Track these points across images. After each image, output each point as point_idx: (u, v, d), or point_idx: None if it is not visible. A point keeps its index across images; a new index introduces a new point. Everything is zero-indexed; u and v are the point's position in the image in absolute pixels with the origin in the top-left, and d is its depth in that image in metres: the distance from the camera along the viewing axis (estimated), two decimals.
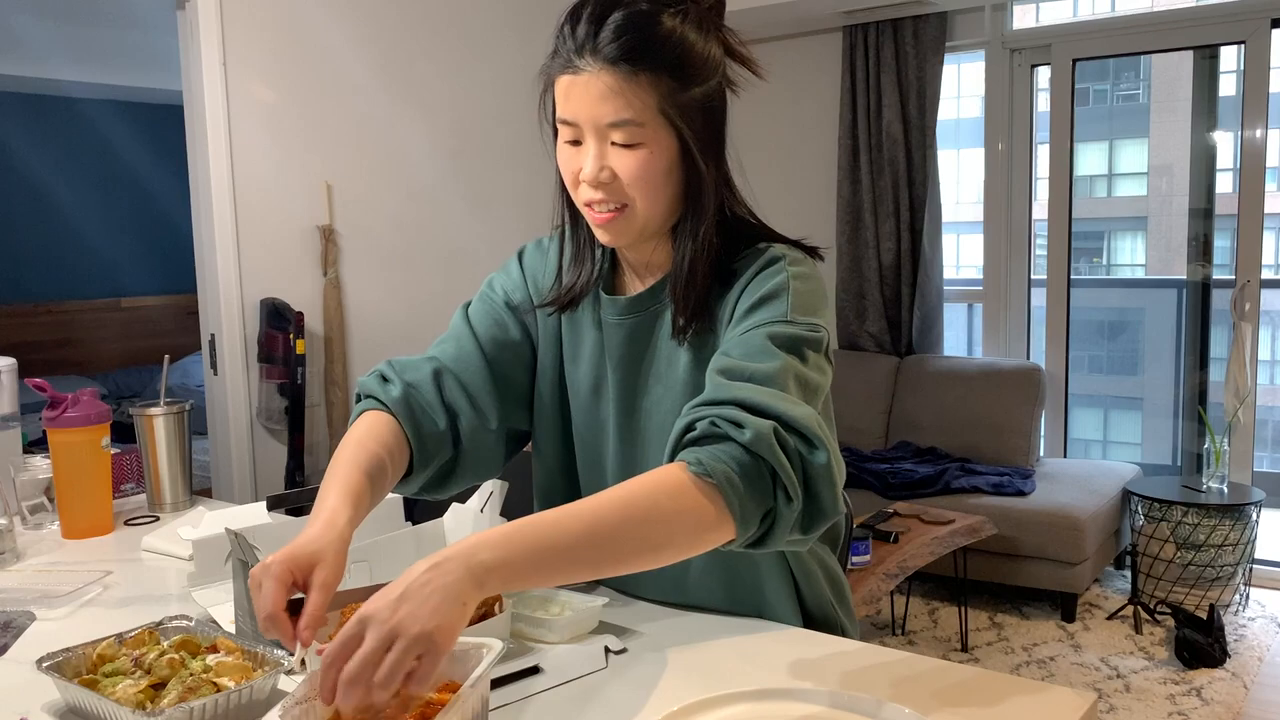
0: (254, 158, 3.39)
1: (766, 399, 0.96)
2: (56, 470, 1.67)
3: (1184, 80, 4.76)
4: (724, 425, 0.94)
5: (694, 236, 1.13)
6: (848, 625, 1.31)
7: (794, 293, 1.09)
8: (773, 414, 0.95)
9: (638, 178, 1.08)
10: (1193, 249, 4.47)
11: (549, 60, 1.10)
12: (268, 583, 0.88)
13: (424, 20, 3.92)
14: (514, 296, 1.29)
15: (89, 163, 6.09)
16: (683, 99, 1.07)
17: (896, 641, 3.61)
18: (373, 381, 1.21)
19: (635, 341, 1.21)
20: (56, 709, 1.02)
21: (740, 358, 1.02)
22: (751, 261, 1.14)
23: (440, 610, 0.78)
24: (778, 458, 0.93)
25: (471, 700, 0.84)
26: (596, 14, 1.05)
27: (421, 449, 1.18)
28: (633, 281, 1.24)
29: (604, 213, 1.11)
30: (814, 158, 4.78)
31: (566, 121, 1.09)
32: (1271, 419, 6.42)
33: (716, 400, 0.97)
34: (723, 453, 0.93)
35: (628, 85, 1.04)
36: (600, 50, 1.04)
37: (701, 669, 1.08)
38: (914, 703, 0.95)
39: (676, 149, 1.09)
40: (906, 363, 4.51)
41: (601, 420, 1.25)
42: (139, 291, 6.36)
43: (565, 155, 1.11)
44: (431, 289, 3.94)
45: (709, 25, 1.10)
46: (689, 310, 1.14)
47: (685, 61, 1.06)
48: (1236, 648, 3.45)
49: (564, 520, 0.87)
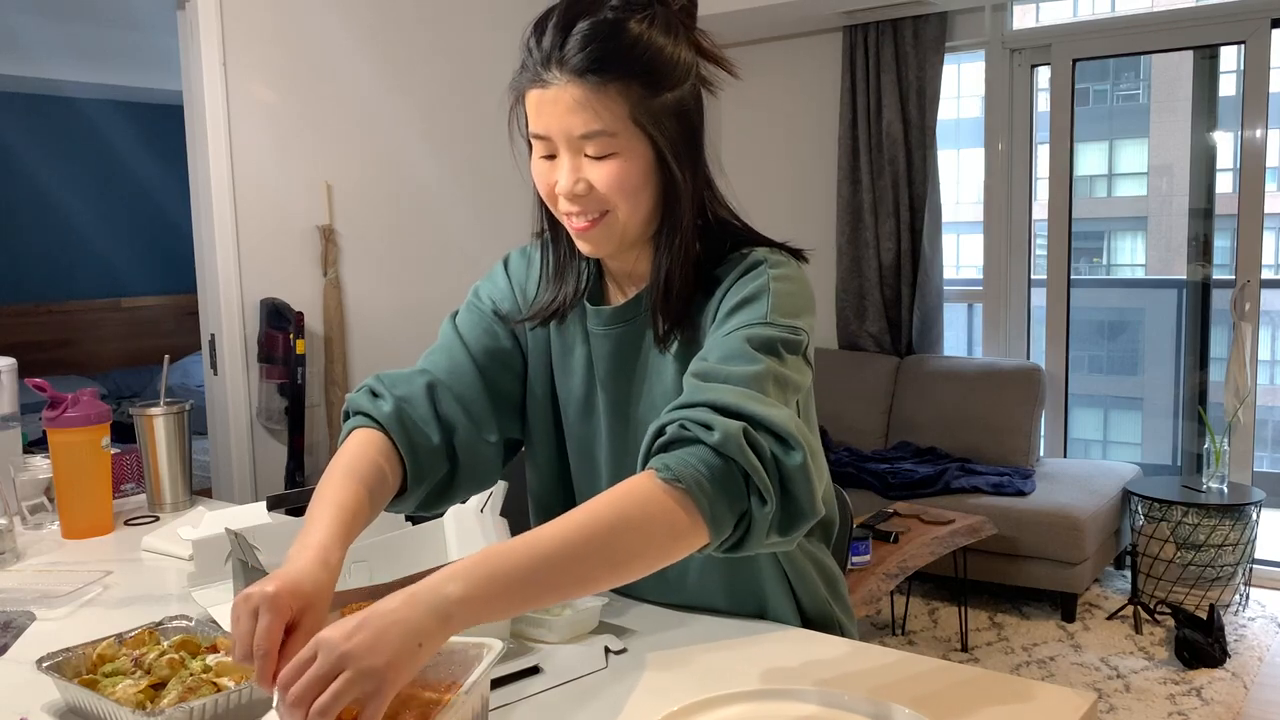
0: (254, 158, 3.39)
1: (738, 400, 0.94)
2: (56, 470, 1.67)
3: (1184, 80, 4.76)
4: (693, 428, 0.92)
5: (670, 247, 1.11)
6: (845, 622, 1.31)
7: (774, 294, 1.07)
8: (744, 414, 0.93)
9: (614, 187, 1.06)
10: (1193, 249, 4.47)
11: (517, 74, 1.08)
12: (270, 617, 0.82)
13: (424, 20, 3.92)
14: (502, 306, 1.27)
15: (89, 163, 6.08)
16: (654, 105, 1.05)
17: (896, 641, 3.60)
18: (362, 398, 1.17)
19: (622, 352, 1.20)
20: (56, 709, 1.02)
21: (717, 360, 1.01)
22: (733, 267, 1.12)
23: (393, 647, 0.75)
24: (748, 458, 0.91)
25: (470, 702, 0.84)
26: (561, 24, 1.03)
27: (416, 465, 1.14)
28: (617, 292, 1.23)
29: (584, 222, 1.09)
30: (814, 158, 4.78)
31: (539, 136, 1.08)
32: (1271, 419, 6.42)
33: (688, 403, 0.96)
34: (691, 456, 0.91)
35: (596, 96, 1.02)
36: (567, 62, 1.02)
37: (701, 669, 1.08)
38: (914, 703, 0.95)
39: (651, 156, 1.07)
40: (906, 363, 4.51)
41: (594, 430, 1.24)
42: (139, 291, 6.36)
43: (540, 169, 1.10)
44: (432, 289, 3.94)
45: (678, 27, 1.07)
46: (670, 319, 1.13)
47: (654, 67, 1.04)
48: (1236, 648, 3.45)
49: (534, 543, 0.84)
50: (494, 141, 4.17)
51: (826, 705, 0.96)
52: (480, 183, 4.16)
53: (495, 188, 4.21)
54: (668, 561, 0.91)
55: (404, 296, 3.86)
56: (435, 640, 0.78)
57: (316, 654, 0.75)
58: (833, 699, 0.97)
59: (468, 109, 4.08)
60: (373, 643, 0.75)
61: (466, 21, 4.07)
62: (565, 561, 0.84)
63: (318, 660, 0.75)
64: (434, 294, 3.93)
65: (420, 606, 0.78)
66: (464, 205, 4.10)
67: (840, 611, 1.30)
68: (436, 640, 0.78)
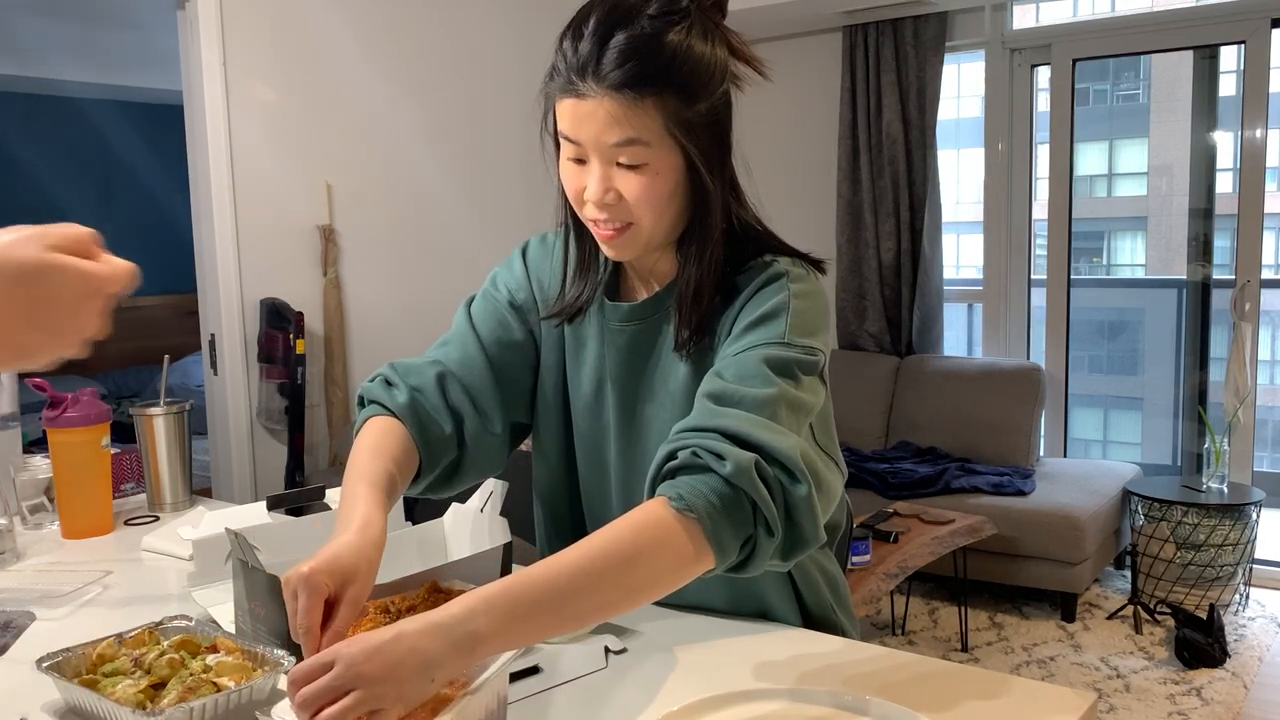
0: (254, 158, 3.39)
1: (751, 429, 0.95)
2: (56, 470, 1.67)
3: (1184, 80, 4.76)
4: (705, 456, 0.94)
5: (700, 258, 1.11)
6: (848, 627, 1.31)
7: (793, 313, 1.07)
8: (755, 445, 0.94)
9: (642, 199, 1.06)
10: (1193, 249, 4.47)
11: (548, 80, 1.07)
12: (306, 596, 0.87)
13: (424, 20, 3.92)
14: (517, 296, 1.28)
15: (89, 163, 6.08)
16: (689, 116, 1.04)
17: (896, 641, 3.60)
18: (377, 387, 1.20)
19: (637, 348, 1.20)
20: (56, 709, 1.02)
21: (733, 380, 1.01)
22: (754, 276, 1.12)
23: (408, 678, 0.77)
24: (758, 490, 0.93)
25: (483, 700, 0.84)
26: (598, 34, 1.02)
27: (429, 453, 1.18)
28: (636, 288, 1.23)
29: (609, 230, 1.10)
30: (814, 158, 4.78)
31: (570, 139, 1.07)
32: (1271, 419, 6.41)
33: (701, 428, 0.97)
34: (703, 484, 0.93)
35: (633, 110, 1.01)
36: (605, 76, 1.01)
37: (701, 669, 1.08)
38: (914, 703, 0.95)
39: (682, 166, 1.07)
40: (906, 363, 4.51)
41: (604, 424, 1.25)
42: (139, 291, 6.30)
43: (569, 171, 1.10)
44: (431, 289, 3.94)
45: (712, 30, 1.07)
46: (692, 326, 1.13)
47: (691, 79, 1.04)
48: (1236, 648, 3.45)
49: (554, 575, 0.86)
50: (494, 141, 4.17)
51: (826, 705, 0.97)
52: (480, 182, 4.16)
53: (495, 187, 4.21)
54: (674, 588, 0.93)
55: (404, 296, 3.86)
56: (451, 670, 0.81)
57: (332, 663, 0.77)
58: (833, 699, 0.97)
59: (468, 108, 4.08)
60: (388, 671, 0.77)
61: (466, 21, 4.07)
62: (585, 592, 0.87)
63: (333, 672, 0.77)
64: (434, 293, 3.93)
65: (443, 639, 0.80)
66: (464, 205, 4.10)
67: (843, 615, 1.30)
68: (452, 670, 0.81)
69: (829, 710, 0.96)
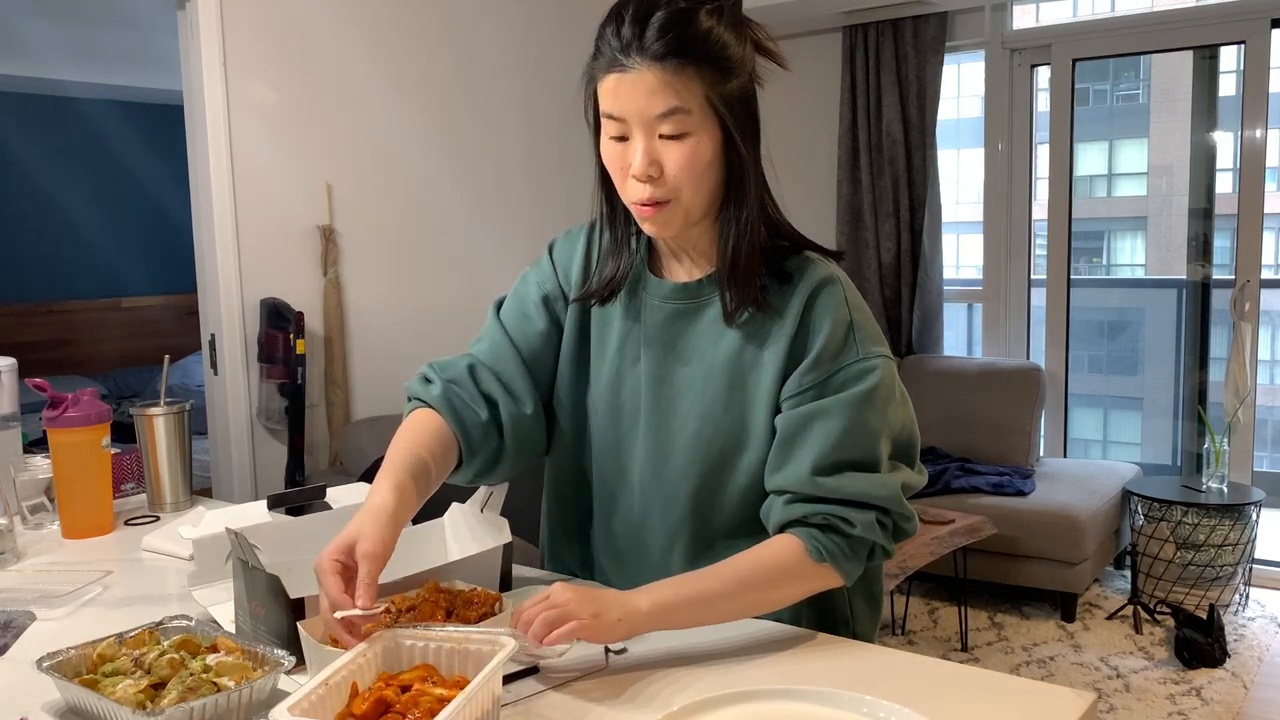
0: (254, 158, 3.38)
1: (867, 490, 1.14)
2: (56, 470, 1.67)
3: (1184, 80, 4.76)
4: (836, 521, 1.14)
5: (738, 221, 1.18)
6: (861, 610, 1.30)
7: (857, 327, 1.18)
8: (874, 504, 1.14)
9: (684, 169, 1.11)
10: (1193, 249, 4.47)
11: (591, 61, 1.14)
12: (322, 577, 1.00)
13: (424, 20, 3.92)
14: (545, 287, 1.33)
15: (89, 163, 6.08)
16: (725, 90, 1.12)
17: (896, 641, 3.60)
18: (416, 384, 1.29)
19: (675, 325, 1.24)
20: (56, 709, 1.02)
21: (838, 448, 1.14)
22: (804, 273, 1.19)
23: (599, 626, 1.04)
24: (880, 537, 1.16)
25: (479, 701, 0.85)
26: (639, 15, 1.10)
27: (468, 440, 1.25)
28: (674, 266, 1.27)
29: (649, 207, 1.14)
30: (814, 158, 4.78)
31: (613, 116, 1.12)
32: (1271, 419, 6.42)
33: (823, 498, 1.14)
34: (836, 542, 1.14)
35: (675, 78, 1.09)
36: (647, 48, 1.08)
37: (701, 669, 1.08)
38: (914, 703, 0.95)
39: (720, 138, 1.14)
40: (906, 363, 4.51)
41: (621, 401, 1.27)
42: (139, 291, 6.36)
43: (611, 150, 1.15)
44: (431, 289, 3.94)
45: (740, 21, 1.15)
46: (738, 296, 1.18)
47: (724, 56, 1.11)
48: (1236, 648, 3.45)
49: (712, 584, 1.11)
50: (495, 141, 4.17)
51: (826, 705, 0.97)
52: (481, 182, 4.16)
53: (496, 187, 4.21)
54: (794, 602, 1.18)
55: (404, 296, 3.86)
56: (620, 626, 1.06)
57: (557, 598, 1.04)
58: (833, 699, 0.97)
59: (468, 108, 4.08)
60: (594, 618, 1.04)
61: (467, 21, 4.07)
62: (723, 602, 1.11)
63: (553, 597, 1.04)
64: (434, 293, 3.93)
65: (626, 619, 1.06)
66: (464, 205, 4.09)
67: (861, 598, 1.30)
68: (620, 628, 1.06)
69: (829, 710, 0.96)
